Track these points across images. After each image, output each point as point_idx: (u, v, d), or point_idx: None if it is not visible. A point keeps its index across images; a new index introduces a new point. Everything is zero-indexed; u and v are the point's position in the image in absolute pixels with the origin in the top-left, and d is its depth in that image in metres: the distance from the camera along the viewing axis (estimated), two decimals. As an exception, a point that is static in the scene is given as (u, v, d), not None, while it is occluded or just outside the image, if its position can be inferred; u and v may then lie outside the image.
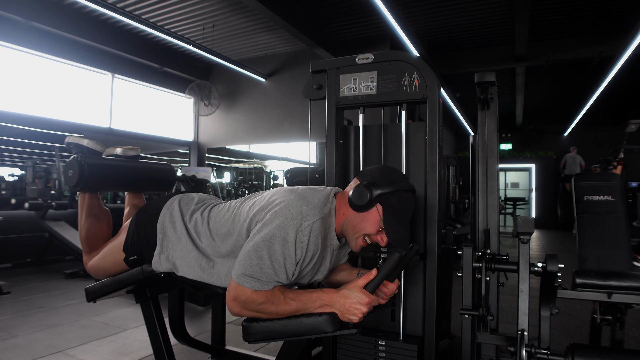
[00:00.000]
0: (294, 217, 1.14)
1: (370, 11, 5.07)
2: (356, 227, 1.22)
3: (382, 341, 1.59)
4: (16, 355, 2.33)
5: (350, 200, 1.19)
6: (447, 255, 2.32)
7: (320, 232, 1.17)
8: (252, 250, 1.12)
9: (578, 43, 6.37)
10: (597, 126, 10.97)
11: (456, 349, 2.12)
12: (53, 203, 4.92)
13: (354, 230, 1.23)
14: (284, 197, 1.20)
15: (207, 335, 2.25)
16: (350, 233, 1.24)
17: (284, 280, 1.13)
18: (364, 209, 1.18)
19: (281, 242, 1.11)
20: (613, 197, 1.80)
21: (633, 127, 5.78)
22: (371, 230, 1.20)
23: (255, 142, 8.13)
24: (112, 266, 1.51)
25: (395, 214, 1.18)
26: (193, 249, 1.33)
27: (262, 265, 1.10)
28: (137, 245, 1.44)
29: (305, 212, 1.15)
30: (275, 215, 1.14)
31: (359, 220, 1.21)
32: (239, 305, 1.13)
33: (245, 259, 1.12)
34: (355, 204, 1.18)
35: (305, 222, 1.14)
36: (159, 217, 1.41)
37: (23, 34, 5.37)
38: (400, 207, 1.19)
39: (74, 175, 1.52)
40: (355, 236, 1.23)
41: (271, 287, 1.12)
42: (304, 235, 1.14)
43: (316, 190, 1.26)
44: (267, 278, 1.11)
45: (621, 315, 1.78)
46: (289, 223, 1.13)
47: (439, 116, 1.58)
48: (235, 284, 1.12)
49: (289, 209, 1.15)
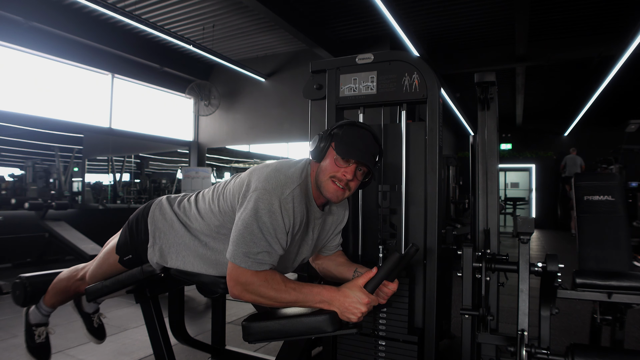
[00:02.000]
0: (274, 187, 1.18)
1: (370, 11, 5.08)
2: (322, 173, 1.27)
3: (382, 341, 1.59)
4: (16, 355, 2.33)
5: (311, 153, 1.28)
6: (447, 255, 2.32)
7: (301, 198, 1.22)
8: (242, 228, 1.15)
9: (578, 43, 6.37)
10: (597, 126, 10.97)
11: (456, 349, 2.12)
12: (53, 203, 4.93)
13: (322, 178, 1.26)
14: (261, 171, 1.24)
15: (207, 335, 2.25)
16: (320, 182, 1.27)
17: (278, 250, 1.17)
18: (322, 153, 1.26)
19: (267, 213, 1.15)
20: (613, 197, 1.80)
21: (633, 127, 5.79)
22: (334, 169, 1.25)
23: (255, 142, 8.14)
24: (108, 269, 1.54)
25: (345, 141, 1.24)
26: (185, 232, 1.37)
27: (255, 239, 1.14)
28: (130, 244, 1.46)
29: (284, 181, 1.20)
30: (257, 190, 1.18)
31: (322, 167, 1.27)
32: (240, 287, 1.15)
33: (238, 238, 1.15)
34: (313, 152, 1.27)
35: (286, 190, 1.19)
36: (149, 213, 1.45)
37: (23, 34, 5.37)
38: (349, 135, 1.25)
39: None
40: (324, 181, 1.26)
41: (268, 267, 1.15)
42: (287, 202, 1.18)
43: (290, 161, 1.32)
44: (263, 254, 1.14)
45: (621, 315, 1.78)
46: (271, 194, 1.17)
47: (439, 116, 1.58)
48: (233, 265, 1.15)
49: (267, 181, 1.19)
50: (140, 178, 8.66)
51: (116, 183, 8.07)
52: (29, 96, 5.73)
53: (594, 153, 8.99)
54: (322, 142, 1.27)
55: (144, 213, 1.47)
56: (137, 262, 1.47)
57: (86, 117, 6.40)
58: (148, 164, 9.18)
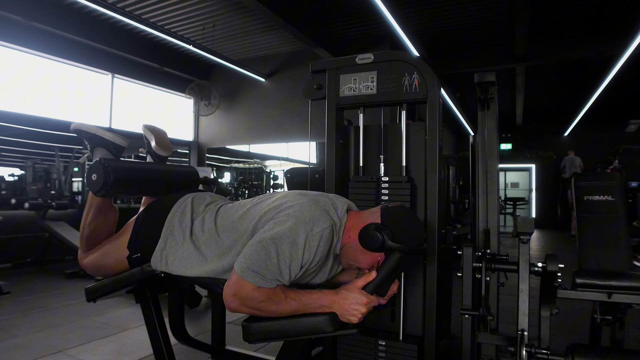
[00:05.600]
0: (306, 220, 1.13)
1: (370, 11, 5.07)
2: (353, 256, 1.22)
3: (382, 341, 1.59)
4: (16, 355, 2.33)
5: (361, 235, 1.17)
6: (447, 255, 2.32)
7: (329, 239, 1.17)
8: (260, 247, 1.11)
9: (578, 43, 6.37)
10: (597, 126, 10.97)
11: (456, 349, 2.12)
12: (53, 203, 4.93)
13: (349, 258, 1.23)
14: (297, 199, 1.20)
15: (207, 335, 2.25)
16: (345, 257, 1.24)
17: (285, 281, 1.12)
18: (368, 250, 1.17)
19: (290, 243, 1.10)
20: (613, 197, 1.80)
21: (633, 127, 5.79)
22: (365, 266, 1.21)
23: (255, 142, 8.14)
24: (114, 264, 1.49)
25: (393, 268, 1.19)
26: (194, 250, 1.32)
27: (269, 262, 1.09)
28: (141, 241, 1.42)
29: (318, 217, 1.15)
30: (288, 217, 1.14)
31: (359, 253, 1.20)
32: (238, 302, 1.11)
33: (252, 254, 1.10)
34: (363, 241, 1.16)
35: (317, 227, 1.13)
36: (168, 214, 1.40)
37: (23, 34, 5.37)
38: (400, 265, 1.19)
39: (98, 179, 1.43)
40: (349, 262, 1.25)
41: (274, 285, 1.11)
42: (314, 240, 1.13)
43: (329, 198, 1.26)
44: (272, 276, 1.10)
45: (621, 315, 1.77)
46: (300, 226, 1.12)
47: (439, 116, 1.58)
48: (238, 278, 1.10)
49: (302, 212, 1.15)
50: (140, 178, 8.65)
51: (116, 183, 8.05)
52: (29, 96, 5.73)
53: (594, 153, 8.98)
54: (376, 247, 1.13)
55: (162, 212, 1.41)
56: (142, 262, 1.45)
57: (86, 117, 6.39)
58: (148, 164, 9.17)
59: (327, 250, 1.19)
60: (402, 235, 1.15)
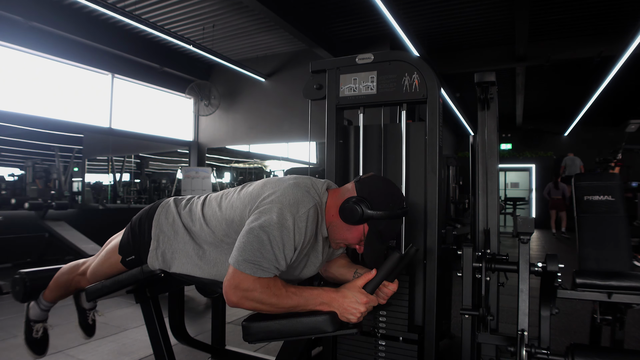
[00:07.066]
0: (290, 203, 1.15)
1: (370, 11, 5.07)
2: (339, 234, 1.24)
3: (382, 341, 1.59)
4: (16, 355, 2.33)
5: (341, 211, 1.19)
6: (447, 255, 2.32)
7: (315, 218, 1.19)
8: (251, 236, 1.11)
9: (578, 43, 6.38)
10: (597, 126, 10.97)
11: (456, 349, 2.12)
12: (53, 203, 4.93)
13: (336, 236, 1.25)
14: (278, 185, 1.21)
15: (207, 335, 2.25)
16: (332, 236, 1.26)
17: (282, 267, 1.13)
18: (351, 224, 1.20)
19: (279, 228, 1.11)
20: (613, 197, 1.80)
21: (633, 127, 5.79)
22: (352, 241, 1.24)
23: (255, 142, 8.14)
24: (109, 269, 1.52)
25: (379, 236, 1.20)
26: (189, 240, 1.34)
27: (263, 250, 1.10)
28: (132, 244, 1.44)
29: (301, 199, 1.17)
30: (272, 203, 1.15)
31: (344, 229, 1.22)
32: (239, 294, 1.10)
33: (245, 245, 1.11)
34: (344, 216, 1.19)
35: (302, 208, 1.15)
36: (154, 215, 1.42)
37: (23, 34, 5.37)
38: (386, 231, 1.21)
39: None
40: (337, 241, 1.27)
41: (272, 275, 1.11)
42: (301, 221, 1.14)
43: (309, 179, 1.28)
44: (268, 264, 1.10)
45: (621, 315, 1.78)
46: (286, 209, 1.13)
47: (439, 116, 1.58)
48: (235, 271, 1.10)
49: (285, 196, 1.16)
50: (140, 178, 8.67)
51: (116, 183, 8.08)
52: (29, 96, 5.74)
53: (594, 153, 8.98)
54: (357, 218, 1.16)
55: (149, 214, 1.44)
56: (139, 263, 1.46)
57: (86, 117, 6.40)
58: (148, 164, 9.19)
59: (315, 229, 1.21)
60: (381, 202, 1.17)
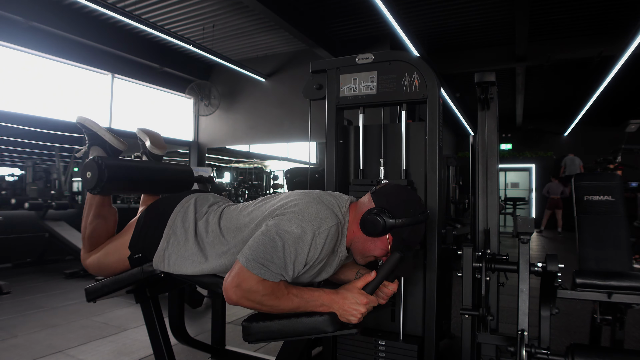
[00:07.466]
0: (313, 217, 1.13)
1: (370, 11, 5.07)
2: (364, 249, 1.22)
3: (382, 341, 1.59)
4: (16, 355, 2.33)
5: (362, 225, 1.18)
6: (447, 255, 2.32)
7: (334, 237, 1.16)
8: (266, 238, 1.10)
9: (578, 43, 6.37)
10: (597, 126, 10.97)
11: (456, 349, 2.12)
12: (53, 203, 4.93)
13: (361, 251, 1.23)
14: (302, 198, 1.19)
15: (207, 335, 2.25)
16: (358, 252, 1.24)
17: (288, 278, 1.12)
18: (374, 236, 1.18)
19: (297, 239, 1.10)
20: (613, 197, 1.80)
21: (633, 127, 5.79)
22: (378, 253, 1.21)
23: (255, 142, 8.14)
24: (115, 264, 1.48)
25: (404, 244, 1.18)
26: (197, 251, 1.31)
27: (275, 255, 1.08)
28: (143, 241, 1.41)
29: (325, 215, 1.15)
30: (294, 214, 1.13)
31: (368, 243, 1.20)
32: (240, 293, 1.08)
33: (258, 245, 1.09)
34: (366, 230, 1.17)
35: (324, 225, 1.13)
36: (171, 214, 1.39)
37: (23, 34, 5.37)
38: (411, 237, 1.19)
39: (92, 177, 1.45)
40: (364, 257, 1.24)
41: (277, 280, 1.10)
42: (320, 237, 1.12)
43: (333, 196, 1.25)
44: (276, 269, 1.08)
45: (621, 315, 1.78)
46: (307, 222, 1.12)
47: (439, 116, 1.58)
48: (242, 268, 1.08)
49: (308, 209, 1.14)
50: (140, 178, 8.65)
51: (116, 183, 8.05)
52: (29, 96, 5.74)
53: (593, 153, 8.98)
54: (380, 229, 1.14)
55: (165, 211, 1.40)
56: (143, 262, 1.44)
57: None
58: (148, 164, 9.17)
59: (332, 247, 1.18)
60: (401, 210, 1.16)
